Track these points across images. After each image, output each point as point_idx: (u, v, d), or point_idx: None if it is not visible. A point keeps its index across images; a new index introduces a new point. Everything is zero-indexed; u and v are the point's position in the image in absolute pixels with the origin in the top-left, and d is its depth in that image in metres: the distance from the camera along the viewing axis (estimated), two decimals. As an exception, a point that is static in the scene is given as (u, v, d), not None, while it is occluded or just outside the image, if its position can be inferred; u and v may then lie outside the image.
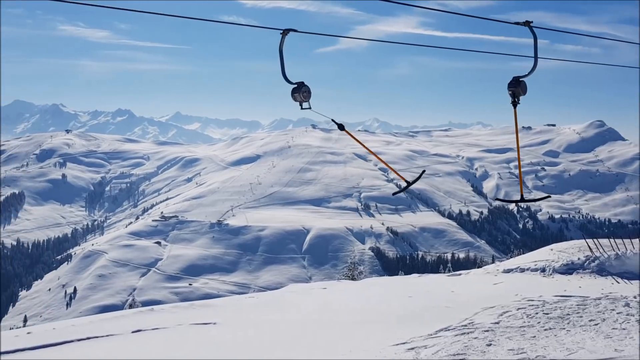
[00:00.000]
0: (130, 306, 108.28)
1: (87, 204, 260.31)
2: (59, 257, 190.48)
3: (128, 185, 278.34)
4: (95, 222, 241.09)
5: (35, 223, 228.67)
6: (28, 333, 15.10)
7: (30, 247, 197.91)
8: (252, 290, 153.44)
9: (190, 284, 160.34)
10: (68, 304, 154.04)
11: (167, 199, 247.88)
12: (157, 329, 14.33)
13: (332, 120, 9.00)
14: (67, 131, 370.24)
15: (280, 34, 8.36)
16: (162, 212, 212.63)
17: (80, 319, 18.76)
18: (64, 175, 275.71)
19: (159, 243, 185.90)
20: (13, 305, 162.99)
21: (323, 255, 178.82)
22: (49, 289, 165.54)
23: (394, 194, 11.91)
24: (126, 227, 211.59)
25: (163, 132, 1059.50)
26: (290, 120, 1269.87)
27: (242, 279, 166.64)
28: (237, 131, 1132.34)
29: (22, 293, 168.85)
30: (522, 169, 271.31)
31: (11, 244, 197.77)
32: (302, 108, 8.62)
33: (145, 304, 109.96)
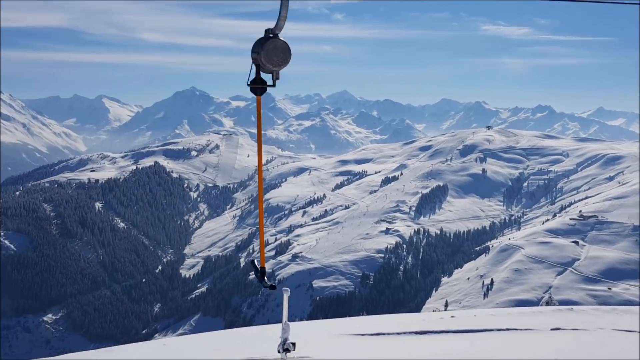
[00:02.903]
0: (547, 303, 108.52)
1: (504, 199, 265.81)
2: (477, 248, 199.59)
3: (546, 182, 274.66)
4: (512, 217, 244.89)
5: (456, 214, 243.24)
6: (452, 317, 17.35)
7: (451, 237, 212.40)
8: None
9: (609, 288, 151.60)
10: (485, 294, 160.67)
11: (586, 198, 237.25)
12: (576, 329, 14.63)
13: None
14: (488, 127, 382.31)
15: None
16: (580, 211, 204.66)
17: (498, 309, 20.33)
18: (483, 170, 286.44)
19: (576, 242, 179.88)
20: (436, 290, 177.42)
21: None
22: (468, 278, 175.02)
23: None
24: (542, 224, 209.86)
25: (584, 128, 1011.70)
26: None
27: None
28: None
29: (444, 279, 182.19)
30: None
31: (435, 232, 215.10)
32: None
33: (561, 303, 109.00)
